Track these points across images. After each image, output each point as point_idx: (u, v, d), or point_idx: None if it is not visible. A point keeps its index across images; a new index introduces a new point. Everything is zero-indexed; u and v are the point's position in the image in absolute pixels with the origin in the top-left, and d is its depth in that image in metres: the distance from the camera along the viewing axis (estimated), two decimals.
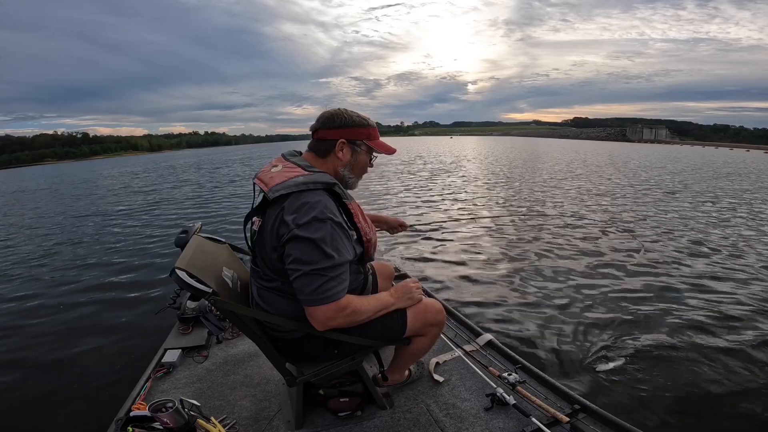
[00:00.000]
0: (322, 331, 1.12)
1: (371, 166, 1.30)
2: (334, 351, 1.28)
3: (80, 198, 13.00)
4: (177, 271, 1.10)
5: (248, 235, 1.24)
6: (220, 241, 1.59)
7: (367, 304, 1.19)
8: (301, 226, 1.03)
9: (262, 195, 1.15)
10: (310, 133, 1.25)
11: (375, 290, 1.62)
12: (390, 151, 1.28)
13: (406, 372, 1.64)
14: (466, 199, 8.44)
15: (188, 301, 2.16)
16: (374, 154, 1.28)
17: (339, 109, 1.21)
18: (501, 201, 8.23)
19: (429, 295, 2.45)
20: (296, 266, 1.05)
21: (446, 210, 7.29)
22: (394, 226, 1.81)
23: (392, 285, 2.19)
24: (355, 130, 1.20)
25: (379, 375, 1.58)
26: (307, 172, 1.12)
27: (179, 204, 9.84)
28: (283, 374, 1.27)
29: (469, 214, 6.92)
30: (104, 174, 26.26)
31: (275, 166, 1.18)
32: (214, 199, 10.35)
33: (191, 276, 1.10)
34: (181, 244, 2.05)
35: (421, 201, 8.33)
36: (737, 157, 28.69)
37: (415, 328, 1.34)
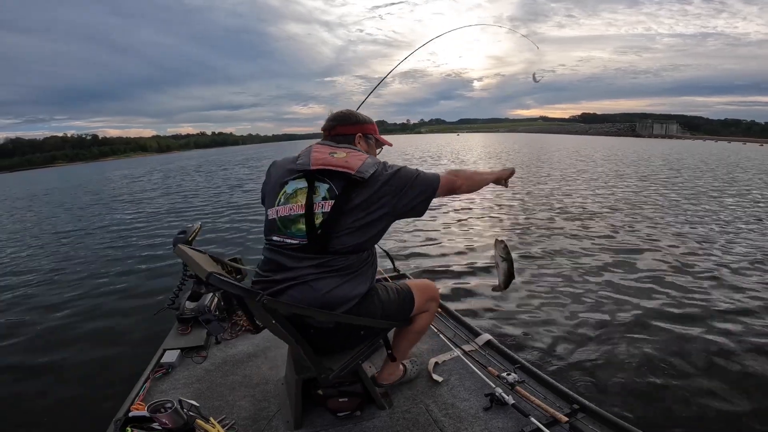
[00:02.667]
0: (459, 188, 1.33)
1: None
2: (361, 332, 1.33)
3: (81, 200, 12.99)
4: (214, 275, 1.04)
5: (302, 219, 1.17)
6: (201, 251, 1.55)
7: (469, 171, 1.42)
8: (390, 171, 1.22)
9: (340, 178, 1.17)
10: (325, 131, 1.37)
11: None
12: (388, 143, 1.52)
13: (401, 367, 1.65)
14: (471, 198, 8.44)
15: (187, 302, 2.16)
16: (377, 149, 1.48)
17: (349, 110, 1.40)
18: (505, 201, 8.22)
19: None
20: (406, 182, 1.20)
21: (450, 209, 7.29)
22: None
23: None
24: (367, 126, 1.38)
25: (377, 373, 1.61)
26: (367, 155, 1.26)
27: (180, 204, 9.83)
28: (320, 371, 1.24)
29: (473, 213, 6.92)
30: (107, 177, 26.22)
31: (334, 152, 1.23)
32: (216, 200, 10.35)
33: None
34: (180, 244, 2.04)
35: None
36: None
37: (420, 303, 1.43)
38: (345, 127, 1.34)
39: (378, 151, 1.47)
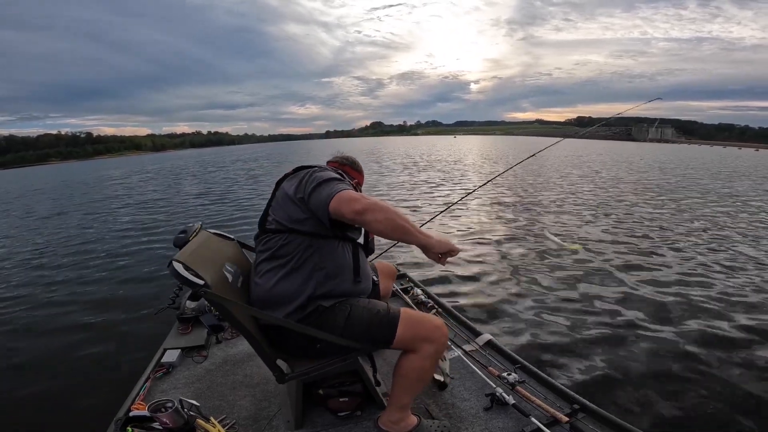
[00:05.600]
0: (354, 216, 1.07)
1: None
2: (317, 345, 1.26)
3: (78, 198, 12.98)
4: (174, 263, 1.10)
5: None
6: (229, 237, 1.60)
7: (399, 211, 1.14)
8: (314, 169, 1.27)
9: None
10: (335, 164, 1.53)
11: (377, 290, 1.61)
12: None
13: (413, 419, 1.36)
14: (471, 198, 8.44)
15: (188, 301, 2.16)
16: None
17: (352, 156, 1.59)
18: (506, 201, 8.22)
19: (440, 314, 2.26)
20: (318, 180, 1.19)
21: (449, 210, 7.28)
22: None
23: (393, 284, 2.19)
24: (362, 178, 1.58)
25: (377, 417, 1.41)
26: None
27: (180, 204, 9.83)
28: (273, 370, 1.25)
29: (473, 214, 6.92)
30: (102, 176, 26.16)
31: None
32: (218, 198, 10.35)
33: (187, 269, 1.10)
34: (180, 244, 2.05)
35: (424, 199, 8.33)
36: None
37: (405, 338, 1.24)
38: (353, 171, 1.55)
39: None
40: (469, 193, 3.58)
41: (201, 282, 1.09)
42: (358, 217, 1.07)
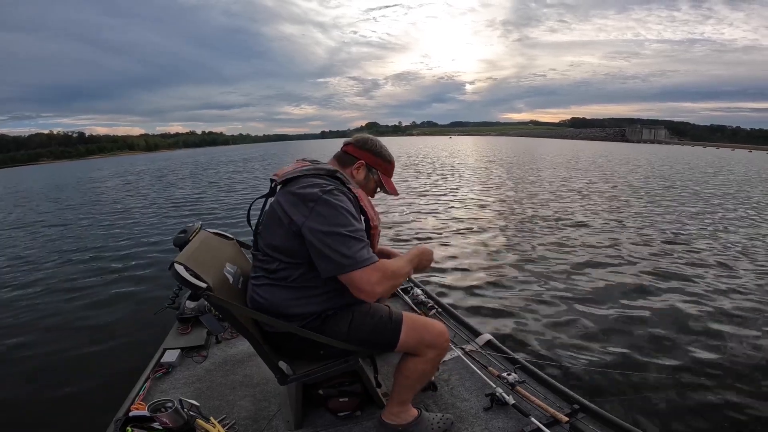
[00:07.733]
0: (371, 301, 1.09)
1: (372, 197, 1.37)
2: (320, 351, 1.25)
3: (76, 198, 12.96)
4: (175, 265, 1.10)
5: (252, 222, 1.31)
6: (228, 237, 1.60)
7: (400, 264, 1.19)
8: (319, 200, 1.08)
9: (272, 185, 1.25)
10: (351, 145, 1.34)
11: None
12: (394, 192, 1.40)
13: (413, 411, 1.37)
14: (469, 198, 8.44)
15: (187, 301, 2.16)
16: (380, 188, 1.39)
17: (375, 138, 1.35)
18: (505, 201, 8.23)
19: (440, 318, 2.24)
20: (324, 228, 1.04)
21: (448, 210, 7.28)
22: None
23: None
24: (377, 160, 1.33)
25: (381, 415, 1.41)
26: (311, 164, 1.24)
27: (179, 203, 9.82)
28: (275, 372, 1.24)
29: (472, 214, 6.92)
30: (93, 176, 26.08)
31: (290, 164, 1.29)
32: (215, 198, 10.34)
33: (189, 270, 1.09)
34: (180, 243, 2.05)
35: (425, 199, 8.33)
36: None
37: (409, 344, 1.25)
38: (356, 149, 1.32)
39: (376, 189, 1.39)
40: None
41: (204, 285, 1.08)
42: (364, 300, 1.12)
